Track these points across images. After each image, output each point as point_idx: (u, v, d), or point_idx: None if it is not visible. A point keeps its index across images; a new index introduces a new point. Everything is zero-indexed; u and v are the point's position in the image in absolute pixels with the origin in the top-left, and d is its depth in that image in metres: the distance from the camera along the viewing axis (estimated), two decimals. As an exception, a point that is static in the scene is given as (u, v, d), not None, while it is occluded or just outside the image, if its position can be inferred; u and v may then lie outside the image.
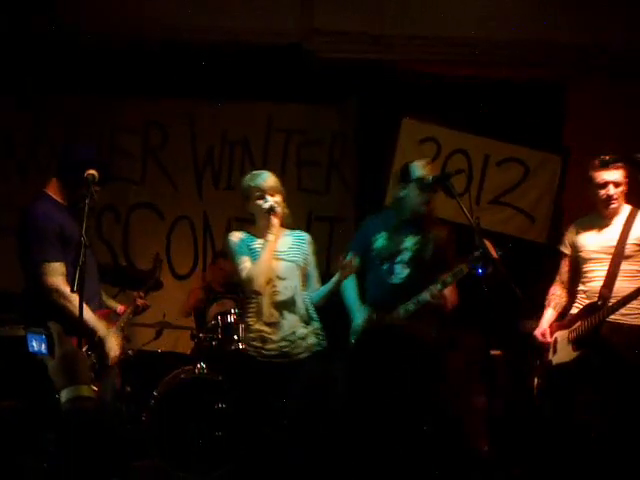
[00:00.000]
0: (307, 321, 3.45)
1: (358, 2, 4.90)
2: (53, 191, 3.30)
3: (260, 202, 3.46)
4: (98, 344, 3.27)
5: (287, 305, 3.40)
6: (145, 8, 5.09)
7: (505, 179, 5.21)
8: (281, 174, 5.74)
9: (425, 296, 3.46)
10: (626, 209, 3.62)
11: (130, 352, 4.49)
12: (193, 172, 5.75)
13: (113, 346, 3.33)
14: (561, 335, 3.66)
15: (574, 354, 3.52)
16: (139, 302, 3.54)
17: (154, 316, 5.00)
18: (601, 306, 3.48)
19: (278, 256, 3.47)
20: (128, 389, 4.44)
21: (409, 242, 3.64)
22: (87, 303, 3.13)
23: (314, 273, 3.59)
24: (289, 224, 3.61)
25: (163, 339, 5.15)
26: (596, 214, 3.69)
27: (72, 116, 5.45)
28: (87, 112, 5.50)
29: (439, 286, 3.44)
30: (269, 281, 3.40)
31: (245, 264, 3.42)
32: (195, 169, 5.76)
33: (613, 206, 3.57)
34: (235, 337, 4.53)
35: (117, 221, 5.67)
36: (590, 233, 3.67)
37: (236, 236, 3.53)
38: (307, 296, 3.52)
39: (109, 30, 5.12)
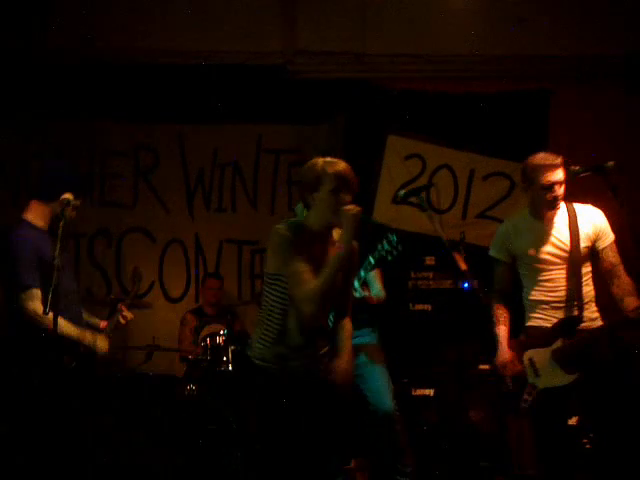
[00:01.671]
0: (329, 338, 3.02)
1: (341, 22, 4.96)
2: (32, 216, 3.37)
3: (343, 197, 2.82)
4: (87, 353, 3.32)
5: (317, 330, 2.93)
6: (134, 34, 5.18)
7: (491, 193, 5.22)
8: (272, 194, 5.91)
9: None
10: (562, 207, 3.40)
11: (119, 374, 4.53)
12: (184, 194, 5.79)
13: (102, 345, 3.41)
14: (538, 355, 3.34)
15: (570, 377, 3.25)
16: (122, 315, 3.56)
17: (144, 338, 5.03)
18: (579, 318, 3.30)
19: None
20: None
21: None
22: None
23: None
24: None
25: (158, 361, 5.16)
26: (529, 216, 3.45)
27: (64, 140, 5.51)
28: (78, 136, 5.58)
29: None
30: None
31: (303, 274, 2.79)
32: (186, 191, 5.80)
33: (557, 208, 3.35)
34: (224, 358, 4.55)
35: (109, 246, 5.71)
36: (535, 239, 3.40)
37: (286, 231, 2.85)
38: None
39: (99, 55, 5.22)
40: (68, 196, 3.26)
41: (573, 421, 3.57)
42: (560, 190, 3.31)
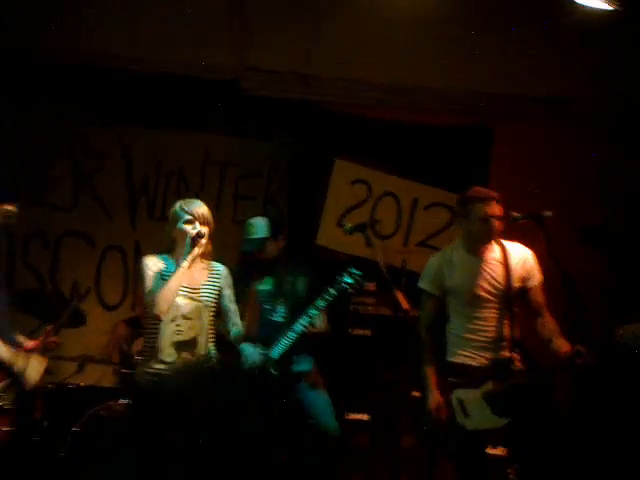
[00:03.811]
0: (206, 360, 3.45)
1: (291, 43, 4.97)
2: None
3: (188, 227, 3.45)
4: (16, 376, 3.24)
5: (188, 346, 3.38)
6: (84, 36, 5.08)
7: (432, 223, 5.33)
8: (216, 205, 5.87)
9: (298, 327, 3.92)
10: (494, 245, 3.43)
11: (50, 385, 4.44)
12: (127, 201, 5.72)
13: (32, 374, 3.38)
14: (467, 395, 3.33)
15: (499, 421, 3.25)
16: (48, 341, 3.48)
17: (77, 349, 4.93)
18: (510, 359, 3.32)
19: (188, 294, 3.45)
20: (45, 423, 4.35)
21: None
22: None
23: (232, 307, 3.61)
24: (207, 257, 3.59)
25: (88, 373, 5.06)
26: (462, 251, 3.47)
27: (7, 139, 5.37)
28: (20, 136, 5.44)
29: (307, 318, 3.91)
30: (174, 319, 3.36)
31: (151, 287, 3.36)
32: (130, 198, 5.73)
33: (490, 242, 3.39)
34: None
35: (46, 248, 5.58)
36: (470, 275, 3.39)
37: (150, 259, 3.48)
38: (233, 331, 3.60)
39: (47, 55, 5.11)
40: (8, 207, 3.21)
41: (499, 451, 3.64)
42: (496, 224, 3.35)
